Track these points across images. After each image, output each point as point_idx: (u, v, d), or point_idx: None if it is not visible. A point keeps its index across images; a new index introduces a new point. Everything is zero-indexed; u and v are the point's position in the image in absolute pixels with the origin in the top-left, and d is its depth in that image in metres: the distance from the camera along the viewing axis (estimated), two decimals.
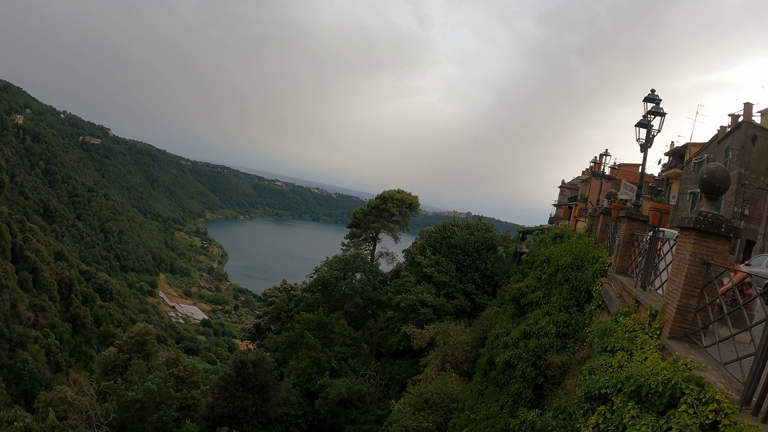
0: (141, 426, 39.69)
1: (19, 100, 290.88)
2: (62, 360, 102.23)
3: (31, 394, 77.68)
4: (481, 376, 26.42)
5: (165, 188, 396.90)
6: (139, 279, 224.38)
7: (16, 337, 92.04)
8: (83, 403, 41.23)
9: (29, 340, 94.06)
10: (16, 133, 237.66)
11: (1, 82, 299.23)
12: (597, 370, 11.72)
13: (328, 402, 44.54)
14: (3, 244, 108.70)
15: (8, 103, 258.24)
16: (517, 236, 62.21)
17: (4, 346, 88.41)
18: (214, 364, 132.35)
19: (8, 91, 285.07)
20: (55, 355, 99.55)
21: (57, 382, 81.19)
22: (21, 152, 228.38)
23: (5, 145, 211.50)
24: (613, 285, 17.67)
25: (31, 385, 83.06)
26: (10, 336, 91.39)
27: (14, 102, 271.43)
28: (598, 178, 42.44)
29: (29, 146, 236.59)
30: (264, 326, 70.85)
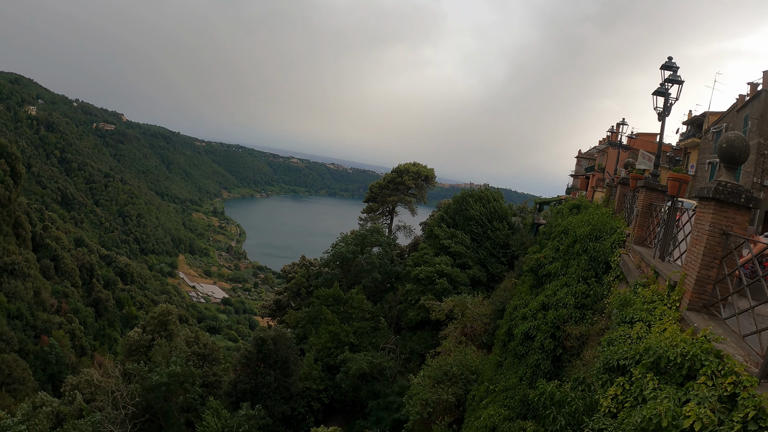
0: (166, 405, 40.49)
1: (31, 92, 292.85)
2: (87, 344, 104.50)
3: (57, 379, 79.60)
4: (500, 348, 26.54)
5: (181, 170, 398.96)
6: (159, 261, 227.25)
7: (40, 324, 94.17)
8: (109, 385, 42.10)
9: (54, 326, 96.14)
10: (30, 124, 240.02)
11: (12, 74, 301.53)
12: (616, 342, 11.73)
13: (349, 376, 45.06)
14: (23, 233, 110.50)
15: (20, 95, 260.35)
16: (534, 207, 61.86)
17: (29, 333, 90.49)
18: (235, 341, 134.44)
19: (20, 83, 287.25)
20: (79, 340, 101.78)
21: (83, 366, 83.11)
22: (36, 142, 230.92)
23: (20, 137, 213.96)
24: (631, 256, 17.57)
25: (57, 369, 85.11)
26: (35, 323, 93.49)
27: (26, 93, 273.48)
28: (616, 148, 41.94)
29: (44, 136, 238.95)
30: (284, 302, 71.48)
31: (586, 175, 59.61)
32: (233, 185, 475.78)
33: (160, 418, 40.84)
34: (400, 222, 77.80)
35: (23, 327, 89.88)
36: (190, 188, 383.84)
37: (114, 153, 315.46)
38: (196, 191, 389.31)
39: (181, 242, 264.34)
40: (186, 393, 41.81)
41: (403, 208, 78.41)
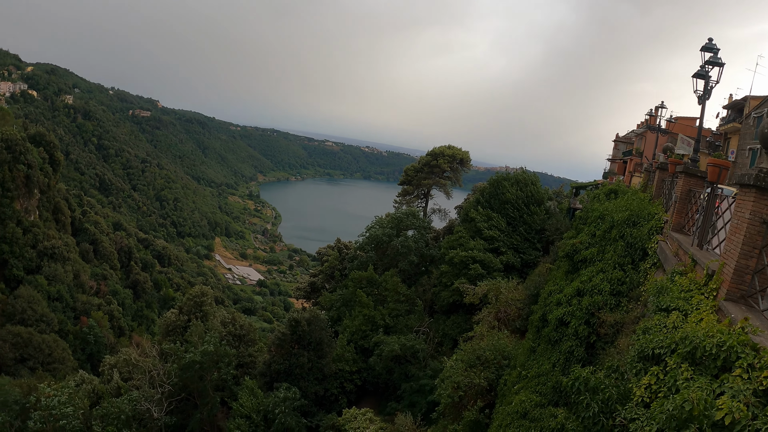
0: (201, 384, 41.48)
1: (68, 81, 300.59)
2: (125, 324, 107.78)
3: (96, 358, 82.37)
4: (534, 334, 26.40)
5: (216, 154, 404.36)
6: (196, 243, 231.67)
7: (80, 306, 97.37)
8: (147, 364, 43.31)
9: (93, 307, 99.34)
10: (67, 112, 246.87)
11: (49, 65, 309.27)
12: (651, 330, 11.60)
13: (383, 358, 45.39)
14: (63, 219, 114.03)
15: (57, 85, 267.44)
16: (571, 191, 61.06)
17: (69, 314, 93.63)
18: (270, 323, 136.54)
19: (56, 73, 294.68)
20: (118, 321, 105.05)
21: (121, 346, 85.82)
22: (73, 130, 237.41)
23: (58, 125, 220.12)
24: (669, 243, 17.27)
25: (96, 349, 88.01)
26: (75, 305, 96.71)
27: (63, 83, 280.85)
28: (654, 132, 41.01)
29: (81, 124, 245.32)
30: (319, 285, 72.20)
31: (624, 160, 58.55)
32: (268, 169, 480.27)
33: (195, 397, 41.92)
34: (435, 205, 77.60)
35: (63, 308, 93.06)
36: (226, 172, 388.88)
37: (150, 139, 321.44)
38: (232, 175, 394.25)
39: (218, 225, 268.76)
40: (220, 371, 42.69)
41: (438, 191, 78.13)
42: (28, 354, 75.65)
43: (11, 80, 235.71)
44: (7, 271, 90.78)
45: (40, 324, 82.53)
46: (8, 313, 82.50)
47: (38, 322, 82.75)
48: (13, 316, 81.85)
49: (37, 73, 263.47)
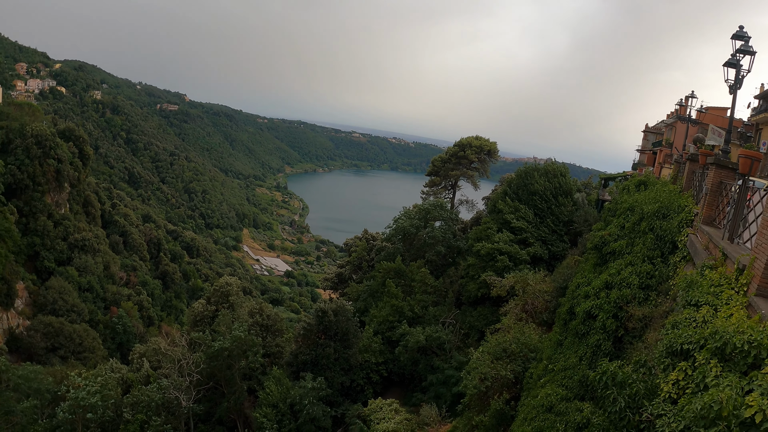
0: (229, 373, 42.10)
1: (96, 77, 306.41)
2: (154, 314, 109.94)
3: (126, 348, 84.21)
4: (561, 327, 26.20)
5: (244, 146, 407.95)
6: (224, 235, 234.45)
7: (110, 296, 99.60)
8: (176, 354, 44.10)
9: (123, 297, 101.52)
10: (96, 107, 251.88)
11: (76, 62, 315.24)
12: (680, 325, 11.43)
13: (408, 349, 45.51)
14: (93, 211, 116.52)
15: (85, 81, 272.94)
16: (599, 183, 60.23)
17: (99, 304, 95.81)
18: (297, 313, 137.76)
19: (84, 69, 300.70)
20: (147, 311, 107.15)
21: (150, 335, 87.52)
22: (102, 125, 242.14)
23: (87, 120, 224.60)
24: (699, 236, 16.96)
25: (125, 338, 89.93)
26: (105, 295, 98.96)
27: (91, 79, 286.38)
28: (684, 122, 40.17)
29: (109, 119, 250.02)
30: (346, 276, 72.59)
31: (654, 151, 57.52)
32: (296, 160, 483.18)
33: (222, 386, 42.56)
34: (463, 196, 77.32)
35: (93, 299, 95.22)
36: (254, 164, 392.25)
37: (178, 132, 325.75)
38: (260, 167, 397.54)
39: (246, 217, 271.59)
40: (248, 360, 43.22)
41: (465, 182, 77.78)
42: (59, 343, 77.64)
43: (40, 77, 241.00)
44: (39, 262, 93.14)
45: (71, 314, 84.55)
46: (40, 303, 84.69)
47: (69, 312, 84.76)
48: (44, 306, 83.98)
49: (65, 69, 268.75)
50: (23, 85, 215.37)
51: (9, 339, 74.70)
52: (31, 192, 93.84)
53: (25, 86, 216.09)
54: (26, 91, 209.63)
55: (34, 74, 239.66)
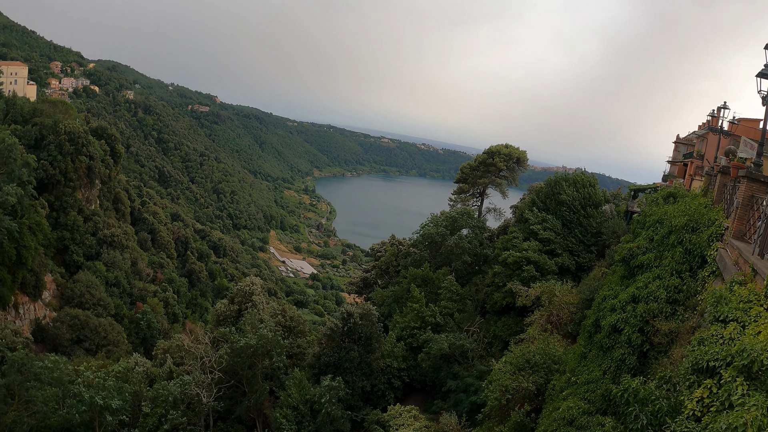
0: (251, 372, 42.36)
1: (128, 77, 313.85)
2: (179, 312, 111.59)
3: (149, 343, 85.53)
4: (585, 339, 25.86)
5: (273, 149, 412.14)
6: (251, 236, 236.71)
7: (136, 292, 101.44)
8: (199, 351, 44.53)
9: (149, 294, 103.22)
10: (128, 107, 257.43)
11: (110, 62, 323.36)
12: (707, 341, 11.18)
13: (431, 356, 45.30)
14: (123, 208, 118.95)
15: (118, 81, 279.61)
16: (629, 194, 59.36)
17: (125, 299, 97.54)
18: (321, 316, 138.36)
19: (117, 69, 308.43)
20: (172, 308, 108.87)
21: (174, 332, 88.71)
22: (134, 124, 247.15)
23: (119, 119, 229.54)
24: (729, 250, 16.57)
25: (149, 334, 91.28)
26: (131, 291, 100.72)
27: (124, 79, 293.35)
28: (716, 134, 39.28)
29: (141, 118, 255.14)
30: (371, 280, 72.63)
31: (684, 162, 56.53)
32: (324, 164, 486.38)
33: (244, 384, 42.83)
34: (491, 204, 76.80)
35: (120, 294, 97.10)
36: (282, 167, 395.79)
37: (209, 133, 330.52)
38: (288, 170, 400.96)
39: (273, 218, 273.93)
40: (271, 359, 43.42)
41: (493, 190, 77.25)
42: (84, 336, 79.21)
43: (74, 76, 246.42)
44: (68, 256, 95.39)
45: (97, 308, 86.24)
46: (67, 296, 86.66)
47: (95, 305, 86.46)
48: (71, 299, 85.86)
49: (98, 69, 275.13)
50: (57, 84, 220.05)
51: (35, 329, 76.31)
52: (63, 187, 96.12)
53: (59, 84, 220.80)
54: (60, 89, 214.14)
55: (68, 73, 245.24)
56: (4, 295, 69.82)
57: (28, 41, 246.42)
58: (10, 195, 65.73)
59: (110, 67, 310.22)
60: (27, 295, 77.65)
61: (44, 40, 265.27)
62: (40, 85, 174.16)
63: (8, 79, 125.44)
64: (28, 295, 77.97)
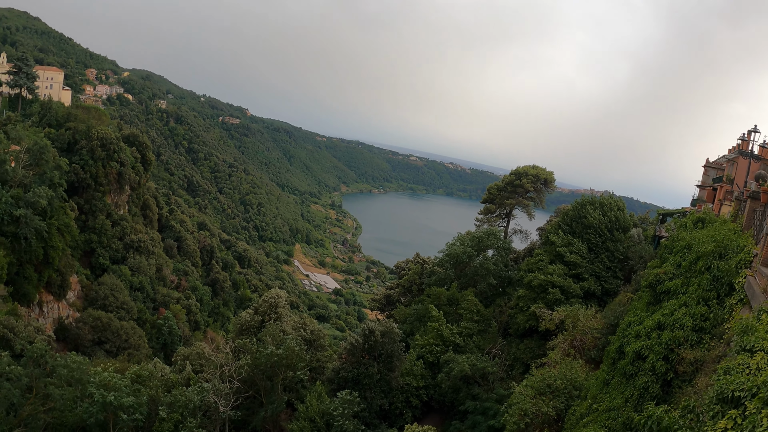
0: (270, 384, 42.37)
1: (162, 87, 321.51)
2: (201, 319, 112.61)
3: (170, 349, 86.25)
4: (609, 365, 25.38)
5: (301, 163, 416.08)
6: (276, 248, 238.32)
7: (160, 298, 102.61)
8: (219, 359, 44.68)
9: (172, 300, 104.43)
10: (160, 116, 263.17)
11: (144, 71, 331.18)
12: (732, 371, 10.91)
13: (451, 377, 44.86)
14: (151, 215, 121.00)
15: (151, 90, 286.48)
16: (657, 218, 58.45)
17: (148, 304, 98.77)
18: (342, 331, 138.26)
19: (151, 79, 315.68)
20: (194, 315, 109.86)
21: (195, 339, 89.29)
22: (165, 133, 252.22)
23: (151, 128, 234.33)
24: (757, 278, 16.17)
25: (170, 340, 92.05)
26: (155, 296, 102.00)
27: (157, 89, 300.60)
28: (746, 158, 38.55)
29: (173, 128, 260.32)
30: (394, 298, 72.41)
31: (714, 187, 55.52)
32: (352, 180, 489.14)
33: (262, 395, 42.85)
34: (517, 225, 76.26)
35: (143, 299, 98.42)
36: (310, 181, 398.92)
37: (238, 145, 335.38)
38: (316, 184, 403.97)
39: (299, 232, 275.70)
40: (295, 371, 43.40)
41: (520, 211, 76.81)
42: (106, 338, 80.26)
43: (108, 84, 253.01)
44: (94, 259, 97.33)
45: (120, 311, 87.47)
46: (91, 297, 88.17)
47: (119, 309, 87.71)
48: (95, 301, 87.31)
49: (132, 78, 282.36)
50: (92, 90, 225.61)
51: (58, 328, 77.65)
52: (93, 191, 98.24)
53: (93, 91, 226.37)
54: (94, 95, 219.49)
55: (103, 80, 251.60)
56: (29, 292, 71.30)
57: (64, 48, 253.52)
58: (41, 196, 67.42)
59: (144, 76, 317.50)
60: (52, 294, 79.09)
61: (80, 48, 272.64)
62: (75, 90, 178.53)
63: (44, 84, 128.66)
64: (53, 294, 79.41)
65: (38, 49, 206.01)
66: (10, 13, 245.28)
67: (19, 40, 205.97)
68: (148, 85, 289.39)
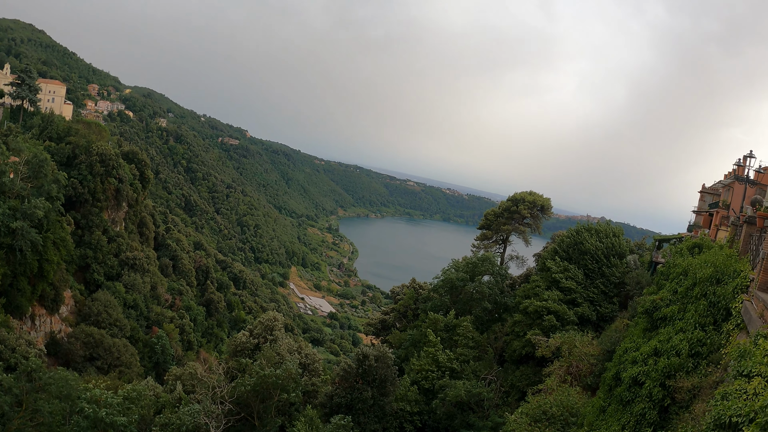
0: (263, 406, 41.84)
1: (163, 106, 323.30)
2: (194, 339, 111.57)
3: (162, 368, 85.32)
4: (605, 392, 25.17)
5: (299, 186, 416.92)
6: (272, 270, 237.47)
7: (153, 316, 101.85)
8: (211, 381, 44.19)
9: (165, 319, 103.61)
10: (160, 134, 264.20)
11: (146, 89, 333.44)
12: (730, 396, 10.80)
13: (446, 403, 44.45)
14: (147, 233, 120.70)
15: (152, 108, 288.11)
16: (653, 244, 58.48)
17: (142, 322, 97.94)
18: (337, 355, 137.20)
19: (152, 97, 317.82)
20: (188, 335, 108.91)
21: (188, 359, 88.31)
22: (165, 152, 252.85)
23: (150, 146, 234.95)
24: (754, 303, 16.11)
25: (163, 359, 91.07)
26: (149, 314, 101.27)
27: (158, 107, 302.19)
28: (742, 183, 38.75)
29: (172, 146, 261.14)
30: (389, 323, 72.07)
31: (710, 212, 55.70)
32: (349, 204, 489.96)
33: (254, 418, 42.25)
34: (513, 251, 76.20)
35: (137, 316, 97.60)
36: (307, 204, 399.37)
37: (237, 166, 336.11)
38: (313, 207, 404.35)
39: (295, 255, 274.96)
40: (289, 393, 42.92)
41: (517, 237, 76.78)
42: (98, 354, 79.29)
43: (110, 100, 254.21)
44: (89, 274, 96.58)
45: (113, 328, 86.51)
46: (84, 313, 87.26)
47: (111, 326, 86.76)
48: (88, 317, 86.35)
49: (134, 95, 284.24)
50: (93, 106, 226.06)
51: (49, 342, 76.78)
52: (90, 207, 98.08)
53: (95, 106, 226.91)
54: (96, 111, 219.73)
55: (104, 96, 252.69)
56: (22, 305, 70.82)
57: (68, 62, 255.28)
58: (38, 208, 67.19)
59: (146, 94, 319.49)
60: (45, 307, 78.45)
61: (84, 63, 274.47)
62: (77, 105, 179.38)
63: (46, 97, 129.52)
64: (46, 308, 78.76)
65: (42, 62, 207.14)
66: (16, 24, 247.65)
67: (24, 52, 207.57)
68: (149, 103, 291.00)
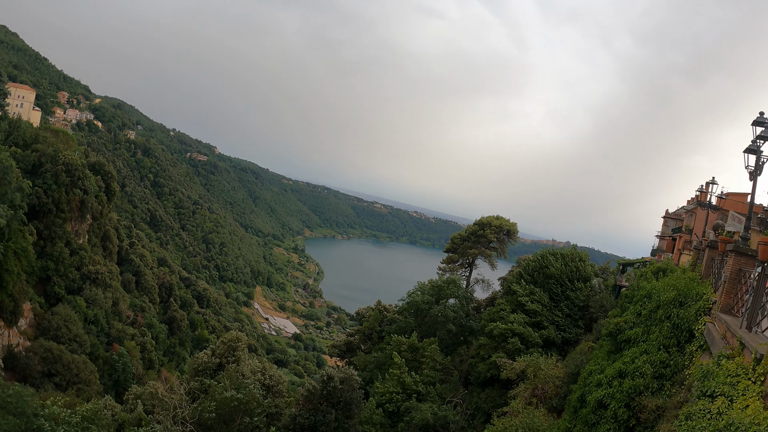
0: (226, 428, 40.96)
1: (132, 117, 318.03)
2: (155, 358, 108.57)
3: (122, 386, 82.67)
4: (571, 414, 25.40)
5: (266, 205, 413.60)
6: (237, 289, 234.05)
7: (114, 333, 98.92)
8: (172, 401, 43.15)
9: (126, 336, 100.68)
10: (128, 147, 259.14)
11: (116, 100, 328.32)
12: (694, 416, 11.01)
13: (412, 426, 44.19)
14: (110, 247, 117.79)
15: (122, 120, 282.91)
16: (617, 268, 59.62)
17: (102, 339, 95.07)
18: (301, 377, 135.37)
19: (122, 108, 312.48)
20: (149, 353, 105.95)
21: (148, 378, 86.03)
22: (132, 165, 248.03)
23: (118, 158, 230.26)
24: (716, 324, 16.53)
25: (123, 377, 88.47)
26: (109, 331, 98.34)
27: (127, 119, 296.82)
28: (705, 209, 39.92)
29: (140, 160, 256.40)
30: (355, 344, 71.64)
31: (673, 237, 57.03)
32: (316, 225, 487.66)
33: None
34: (479, 275, 76.84)
35: (97, 333, 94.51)
36: (274, 223, 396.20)
37: (204, 182, 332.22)
38: (280, 227, 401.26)
39: (260, 274, 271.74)
40: (252, 417, 42.12)
41: (483, 261, 77.52)
42: (56, 370, 76.41)
43: (79, 109, 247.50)
44: (49, 287, 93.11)
45: (72, 343, 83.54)
46: (44, 327, 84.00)
47: (71, 341, 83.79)
48: (47, 331, 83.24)
49: (104, 105, 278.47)
50: (62, 114, 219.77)
51: (6, 356, 73.48)
52: (53, 217, 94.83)
53: (63, 114, 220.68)
54: (64, 119, 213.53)
55: (74, 105, 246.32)
56: None
57: (39, 67, 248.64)
58: (0, 216, 64.92)
59: (116, 104, 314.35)
60: (3, 319, 75.11)
61: (55, 69, 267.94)
62: (45, 112, 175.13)
63: (15, 101, 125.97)
64: (4, 320, 75.35)
65: (12, 65, 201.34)
66: None
67: None
68: (118, 114, 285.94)
